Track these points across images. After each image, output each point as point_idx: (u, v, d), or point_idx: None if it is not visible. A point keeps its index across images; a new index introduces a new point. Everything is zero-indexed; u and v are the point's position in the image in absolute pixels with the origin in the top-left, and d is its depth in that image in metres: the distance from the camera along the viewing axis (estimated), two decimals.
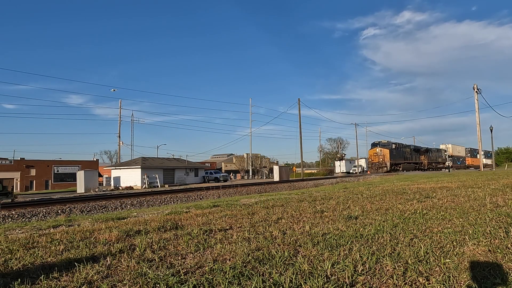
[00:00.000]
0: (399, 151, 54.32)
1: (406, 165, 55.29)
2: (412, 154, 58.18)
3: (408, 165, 56.19)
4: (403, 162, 54.62)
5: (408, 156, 56.87)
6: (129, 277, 2.84)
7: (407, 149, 57.60)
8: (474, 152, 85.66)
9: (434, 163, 66.18)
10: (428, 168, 62.45)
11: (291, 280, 2.64)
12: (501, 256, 3.14)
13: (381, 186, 12.82)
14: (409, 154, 57.11)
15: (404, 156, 55.49)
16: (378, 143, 54.33)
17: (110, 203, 12.23)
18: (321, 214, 5.89)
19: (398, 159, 53.54)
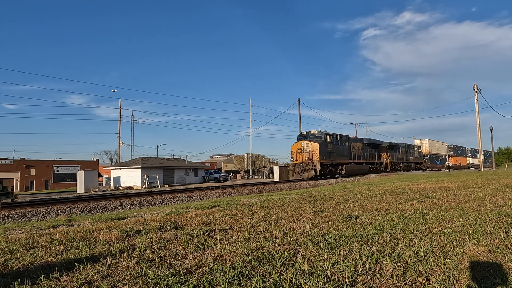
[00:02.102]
0: (338, 146, 34.04)
1: (353, 166, 35.81)
2: (365, 151, 39.15)
3: (358, 167, 36.80)
4: (346, 161, 34.65)
5: (358, 154, 37.51)
6: (129, 277, 2.84)
7: (357, 143, 38.00)
8: (458, 150, 74.80)
9: (403, 163, 48.38)
10: (395, 169, 45.24)
11: (291, 280, 2.64)
12: (501, 256, 3.14)
13: (381, 186, 12.82)
14: (359, 151, 37.85)
15: (348, 153, 35.77)
16: (306, 134, 33.36)
17: (110, 203, 12.22)
18: (321, 214, 5.89)
19: (336, 158, 33.26)
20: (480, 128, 39.72)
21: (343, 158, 34.45)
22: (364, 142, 39.40)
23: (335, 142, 33.75)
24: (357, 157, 37.28)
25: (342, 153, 34.49)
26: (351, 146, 36.69)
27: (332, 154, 32.41)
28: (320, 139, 31.49)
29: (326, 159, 31.37)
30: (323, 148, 31.02)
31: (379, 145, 42.84)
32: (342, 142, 35.22)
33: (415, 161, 52.74)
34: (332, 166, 32.88)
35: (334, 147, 32.92)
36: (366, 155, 39.18)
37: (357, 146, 38.13)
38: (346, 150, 35.28)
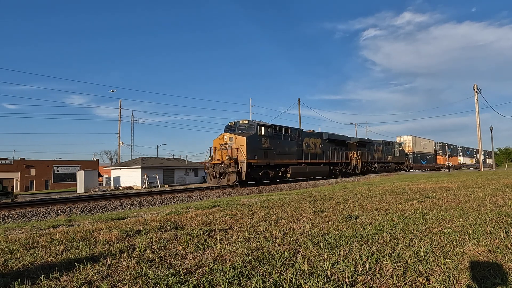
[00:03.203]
0: (280, 142, 24.59)
1: (303, 167, 26.35)
2: (326, 148, 30.02)
3: (312, 168, 27.48)
4: (293, 161, 25.47)
5: (314, 152, 28.26)
6: (129, 277, 2.84)
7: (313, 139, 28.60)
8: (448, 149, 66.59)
9: (379, 163, 39.66)
10: (367, 171, 36.75)
11: (291, 280, 2.64)
12: (501, 256, 3.14)
13: (381, 186, 12.82)
14: (316, 149, 28.68)
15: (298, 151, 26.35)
16: (233, 125, 23.95)
17: (110, 203, 12.23)
18: (321, 214, 5.89)
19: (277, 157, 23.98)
20: (480, 128, 39.75)
21: (288, 157, 24.85)
22: (324, 138, 30.26)
23: (276, 136, 24.00)
24: (312, 156, 27.68)
25: (287, 150, 24.85)
26: (304, 142, 27.17)
27: (269, 151, 22.84)
28: (250, 132, 22.12)
29: (259, 158, 21.93)
30: (254, 144, 21.64)
31: (346, 142, 33.70)
32: (288, 136, 25.38)
33: (394, 160, 44.36)
34: (270, 168, 23.33)
35: (273, 142, 23.39)
36: (327, 153, 29.92)
37: (313, 143, 28.51)
38: (294, 147, 25.80)
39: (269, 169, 23.42)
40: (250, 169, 21.43)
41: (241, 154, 20.97)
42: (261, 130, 22.84)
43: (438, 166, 60.23)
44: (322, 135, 30.35)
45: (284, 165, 24.72)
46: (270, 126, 23.88)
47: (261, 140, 22.68)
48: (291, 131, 25.90)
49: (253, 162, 21.69)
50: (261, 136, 22.66)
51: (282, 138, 24.76)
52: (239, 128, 22.99)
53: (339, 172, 31.93)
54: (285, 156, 24.82)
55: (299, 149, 26.47)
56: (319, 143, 29.45)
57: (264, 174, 23.18)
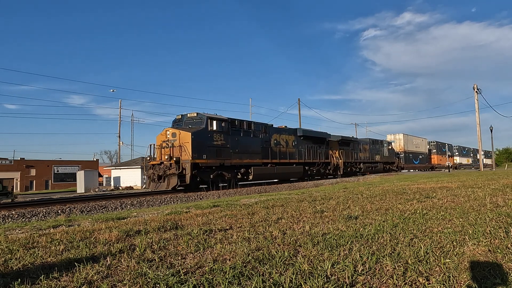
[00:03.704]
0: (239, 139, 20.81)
1: (269, 168, 22.77)
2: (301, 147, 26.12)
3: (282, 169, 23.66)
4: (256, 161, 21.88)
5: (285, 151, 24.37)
6: (129, 277, 2.84)
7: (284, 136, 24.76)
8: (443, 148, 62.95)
9: (366, 163, 36.08)
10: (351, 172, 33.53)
11: (291, 280, 2.64)
12: (501, 256, 3.14)
13: (381, 186, 12.82)
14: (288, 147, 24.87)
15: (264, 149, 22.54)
16: (180, 118, 19.87)
17: (110, 203, 12.22)
18: (321, 214, 5.89)
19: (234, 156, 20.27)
20: (480, 128, 39.75)
21: (250, 157, 21.03)
22: (298, 135, 26.07)
23: (233, 132, 20.21)
24: (282, 155, 23.65)
25: (249, 148, 21.01)
26: (273, 139, 23.22)
27: (224, 150, 19.23)
28: (198, 127, 18.44)
29: (210, 157, 18.26)
30: (203, 140, 18.02)
31: (326, 140, 29.47)
32: (250, 132, 21.42)
33: (383, 160, 40.34)
34: (225, 169, 19.50)
35: (230, 139, 19.69)
36: (303, 152, 25.97)
37: (285, 140, 24.48)
38: (258, 145, 21.83)
39: (224, 170, 19.50)
40: (198, 170, 17.83)
41: (185, 153, 17.33)
42: (213, 125, 18.80)
43: (432, 166, 57.41)
44: (296, 131, 26.36)
45: (245, 165, 20.82)
46: (226, 120, 19.83)
47: (213, 136, 18.69)
48: (255, 126, 22.08)
49: (201, 163, 17.87)
50: (212, 131, 18.68)
51: (242, 134, 20.75)
52: (186, 122, 19.06)
53: (316, 174, 27.99)
54: (246, 155, 20.82)
55: (266, 147, 22.48)
56: (292, 140, 25.50)
57: (218, 177, 19.27)
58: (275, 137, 23.77)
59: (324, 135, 29.57)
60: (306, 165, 26.51)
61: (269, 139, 23.06)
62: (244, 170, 20.74)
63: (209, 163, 18.45)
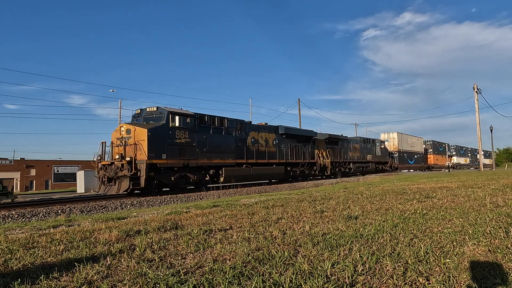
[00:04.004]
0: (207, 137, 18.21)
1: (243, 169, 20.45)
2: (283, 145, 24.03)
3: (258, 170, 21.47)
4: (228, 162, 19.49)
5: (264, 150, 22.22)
6: (129, 277, 2.84)
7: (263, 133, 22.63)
8: (440, 147, 60.39)
9: (356, 163, 33.94)
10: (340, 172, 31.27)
11: (291, 280, 2.64)
12: (501, 256, 3.14)
13: (381, 186, 12.83)
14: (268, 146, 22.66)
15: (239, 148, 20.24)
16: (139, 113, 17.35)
17: (110, 203, 12.22)
18: (321, 214, 5.89)
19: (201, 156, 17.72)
20: (480, 128, 39.74)
21: (221, 156, 18.88)
22: (280, 133, 23.74)
23: (201, 129, 17.92)
24: (260, 154, 21.52)
25: (220, 147, 18.88)
26: (250, 137, 21.06)
27: (189, 149, 17.01)
28: (157, 122, 16.30)
29: (171, 157, 16.14)
30: (162, 138, 15.94)
31: (312, 139, 27.39)
32: (222, 129, 19.22)
33: (375, 160, 38.16)
34: (189, 170, 17.23)
35: (196, 137, 17.40)
36: (284, 152, 23.75)
37: (264, 138, 22.25)
38: (232, 144, 19.69)
39: (189, 171, 17.26)
40: (156, 172, 15.84)
41: (140, 152, 15.22)
42: (175, 120, 16.59)
43: (428, 166, 55.30)
44: (277, 129, 23.95)
45: (215, 166, 18.61)
46: (192, 116, 17.46)
47: (175, 133, 16.48)
48: (228, 123, 19.77)
49: (160, 163, 15.73)
50: (174, 128, 16.46)
51: (211, 131, 18.43)
52: (145, 118, 16.81)
53: (300, 175, 25.69)
54: (216, 155, 18.58)
55: (241, 146, 20.22)
56: (273, 139, 23.16)
57: (181, 179, 17.06)
58: (252, 135, 21.52)
59: (309, 133, 27.43)
60: (289, 165, 24.40)
61: (245, 137, 20.83)
62: (213, 172, 18.58)
63: (170, 163, 16.23)
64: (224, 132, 19.36)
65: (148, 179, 15.40)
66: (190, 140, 17.19)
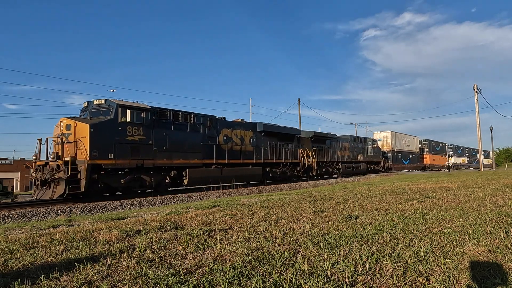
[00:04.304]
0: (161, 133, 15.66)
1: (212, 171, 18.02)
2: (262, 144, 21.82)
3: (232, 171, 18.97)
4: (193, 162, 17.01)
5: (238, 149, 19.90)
6: (129, 277, 2.84)
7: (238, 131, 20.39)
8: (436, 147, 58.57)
9: (346, 163, 31.71)
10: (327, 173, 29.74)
11: (291, 280, 2.64)
12: (501, 256, 3.14)
13: (381, 186, 12.83)
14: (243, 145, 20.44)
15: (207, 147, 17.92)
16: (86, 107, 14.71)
17: (110, 203, 12.21)
18: (321, 214, 5.89)
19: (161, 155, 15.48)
20: (480, 128, 39.74)
21: (185, 156, 16.59)
22: (258, 130, 21.62)
23: (160, 124, 15.76)
24: (233, 154, 19.42)
25: (183, 146, 16.54)
26: (222, 135, 18.96)
27: (144, 147, 14.87)
28: (104, 117, 14.13)
29: (120, 157, 14.03)
30: (109, 135, 13.83)
31: (296, 137, 25.40)
32: (186, 126, 16.97)
33: (367, 160, 36.01)
34: (144, 172, 15.15)
35: (153, 134, 15.30)
36: (263, 151, 21.44)
37: (239, 136, 20.21)
38: (198, 142, 17.42)
39: (145, 173, 15.09)
40: (101, 174, 13.84)
41: (81, 151, 13.22)
42: (126, 115, 14.34)
43: (424, 166, 53.40)
44: (255, 126, 21.75)
45: (178, 167, 16.38)
46: (148, 110, 15.26)
47: (126, 129, 14.25)
48: (196, 118, 17.58)
49: (106, 164, 13.50)
50: (125, 123, 14.23)
51: (173, 127, 16.22)
52: (92, 112, 14.51)
53: (281, 176, 23.47)
54: (179, 154, 16.30)
55: (210, 144, 17.98)
56: (250, 137, 20.98)
57: (135, 181, 14.87)
58: (225, 133, 19.33)
59: (292, 131, 25.29)
60: (268, 166, 22.14)
61: (215, 134, 18.57)
62: (175, 173, 16.45)
63: (119, 164, 14.03)
64: (190, 129, 17.26)
65: (91, 182, 13.37)
66: (146, 138, 15.05)
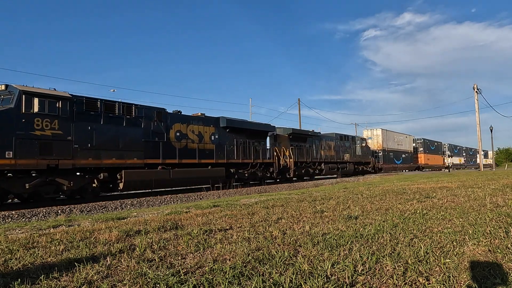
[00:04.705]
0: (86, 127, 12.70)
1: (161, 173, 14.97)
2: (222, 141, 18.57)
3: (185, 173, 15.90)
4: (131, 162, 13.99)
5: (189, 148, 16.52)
6: (129, 277, 2.84)
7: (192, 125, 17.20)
8: (431, 146, 55.64)
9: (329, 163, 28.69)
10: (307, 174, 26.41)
11: (291, 280, 2.64)
12: (501, 256, 3.14)
13: (381, 186, 12.83)
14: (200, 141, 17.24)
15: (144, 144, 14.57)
16: None
17: (110, 203, 12.21)
18: (321, 214, 5.89)
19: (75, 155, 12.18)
20: (480, 128, 39.74)
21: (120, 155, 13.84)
22: (221, 126, 18.85)
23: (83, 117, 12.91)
24: (188, 153, 16.47)
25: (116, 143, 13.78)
26: (173, 131, 16.16)
27: (60, 144, 12.12)
28: (2, 106, 11.30)
29: (24, 156, 11.21)
30: (3, 129, 10.86)
31: (267, 133, 22.45)
32: (122, 119, 14.19)
33: (355, 160, 33.13)
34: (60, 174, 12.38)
35: (74, 128, 12.52)
36: (227, 150, 18.65)
37: (197, 133, 17.30)
38: (139, 138, 14.60)
39: (62, 176, 12.42)
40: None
41: None
42: (33, 104, 11.51)
43: (418, 166, 50.31)
44: (217, 121, 18.81)
45: (109, 168, 13.48)
46: (65, 99, 12.38)
47: (33, 122, 11.55)
48: (137, 111, 14.66)
49: (1, 164, 10.78)
50: (32, 114, 11.50)
51: (102, 120, 13.32)
52: None
53: (250, 178, 20.40)
54: (111, 153, 13.40)
55: (156, 141, 15.20)
56: (211, 133, 18.10)
57: (48, 186, 12.27)
58: (177, 128, 16.47)
59: (264, 128, 22.08)
60: (233, 166, 19.15)
61: (163, 130, 15.70)
62: (106, 175, 13.38)
63: (22, 165, 11.24)
64: (127, 123, 14.29)
65: None
66: (63, 133, 12.19)
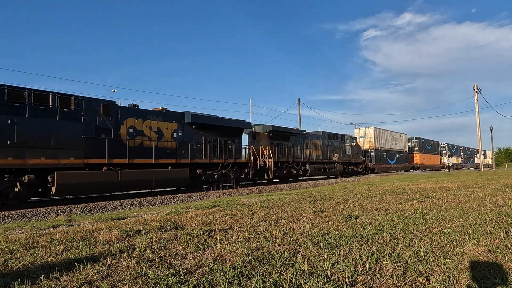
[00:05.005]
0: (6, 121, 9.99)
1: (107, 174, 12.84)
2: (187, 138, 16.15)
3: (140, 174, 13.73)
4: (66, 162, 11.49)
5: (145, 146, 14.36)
6: (129, 277, 2.84)
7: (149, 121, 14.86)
8: (428, 145, 53.68)
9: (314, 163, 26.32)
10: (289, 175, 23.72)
11: (291, 280, 2.64)
12: (501, 256, 3.14)
13: (381, 186, 12.83)
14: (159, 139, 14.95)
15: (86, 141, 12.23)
16: None
17: (110, 203, 12.21)
18: (321, 214, 5.89)
19: None
20: (480, 128, 39.75)
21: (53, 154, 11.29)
22: (186, 122, 16.50)
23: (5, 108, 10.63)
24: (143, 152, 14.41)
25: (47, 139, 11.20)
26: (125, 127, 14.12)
27: None
28: None
29: None
30: None
31: (242, 130, 20.14)
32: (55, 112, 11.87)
33: (344, 160, 30.79)
34: None
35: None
36: (192, 148, 16.41)
37: (155, 128, 15.15)
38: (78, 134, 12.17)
39: None
40: None
41: None
42: None
43: (413, 167, 48.26)
44: (181, 117, 16.49)
45: (37, 168, 11.28)
46: None
47: None
48: (77, 103, 12.65)
49: None
50: None
51: (28, 113, 11.23)
52: None
53: (222, 179, 18.02)
54: (40, 151, 11.12)
55: (103, 138, 13.17)
56: (173, 130, 15.92)
57: None
58: (131, 123, 14.37)
59: (238, 124, 19.37)
60: (199, 167, 16.76)
61: (111, 126, 13.67)
62: (32, 178, 11.18)
63: None
64: (62, 117, 12.12)
65: None
66: None
